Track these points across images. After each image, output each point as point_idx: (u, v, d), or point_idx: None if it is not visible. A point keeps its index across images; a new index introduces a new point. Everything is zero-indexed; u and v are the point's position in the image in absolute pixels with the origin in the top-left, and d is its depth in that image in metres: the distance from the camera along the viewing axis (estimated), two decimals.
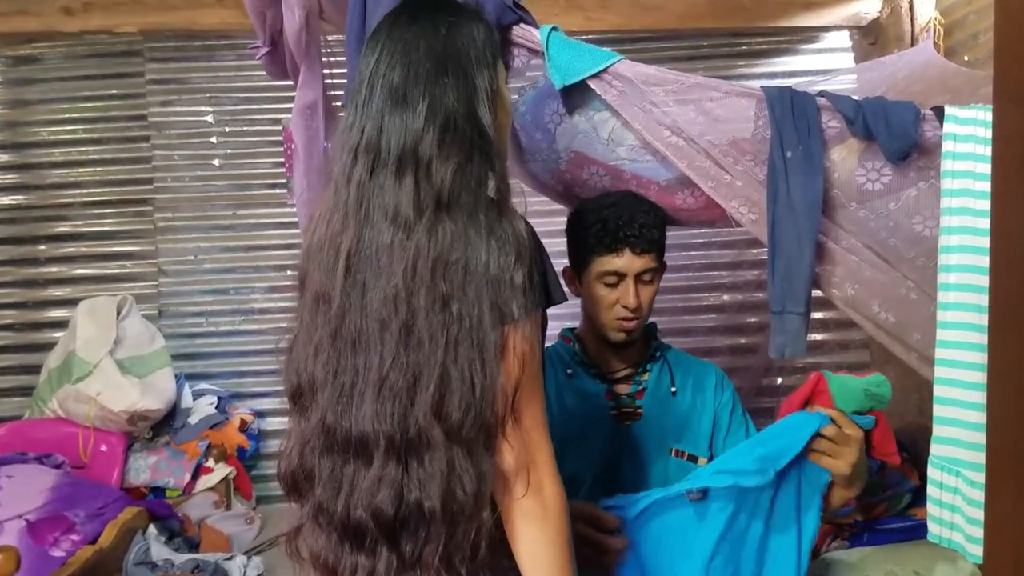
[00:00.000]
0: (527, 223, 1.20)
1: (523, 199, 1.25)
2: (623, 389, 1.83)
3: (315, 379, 1.20)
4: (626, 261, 1.73)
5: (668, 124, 1.67)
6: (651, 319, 1.90)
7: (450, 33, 1.24)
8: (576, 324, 1.93)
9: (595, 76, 1.65)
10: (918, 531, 2.09)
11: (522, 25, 1.67)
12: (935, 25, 2.80)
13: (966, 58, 2.76)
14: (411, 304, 1.12)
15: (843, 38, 3.43)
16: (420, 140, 1.16)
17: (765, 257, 3.14)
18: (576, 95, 1.72)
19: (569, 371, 1.83)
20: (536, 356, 1.18)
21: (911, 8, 2.96)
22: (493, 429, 1.14)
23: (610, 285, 1.76)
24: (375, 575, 1.17)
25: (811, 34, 3.45)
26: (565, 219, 1.90)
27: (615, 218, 1.75)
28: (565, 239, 1.88)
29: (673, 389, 1.82)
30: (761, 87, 1.66)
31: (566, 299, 1.25)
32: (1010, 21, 0.67)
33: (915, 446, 2.83)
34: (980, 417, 1.47)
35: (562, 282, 1.37)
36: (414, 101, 1.17)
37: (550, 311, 1.28)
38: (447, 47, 1.22)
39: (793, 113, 1.61)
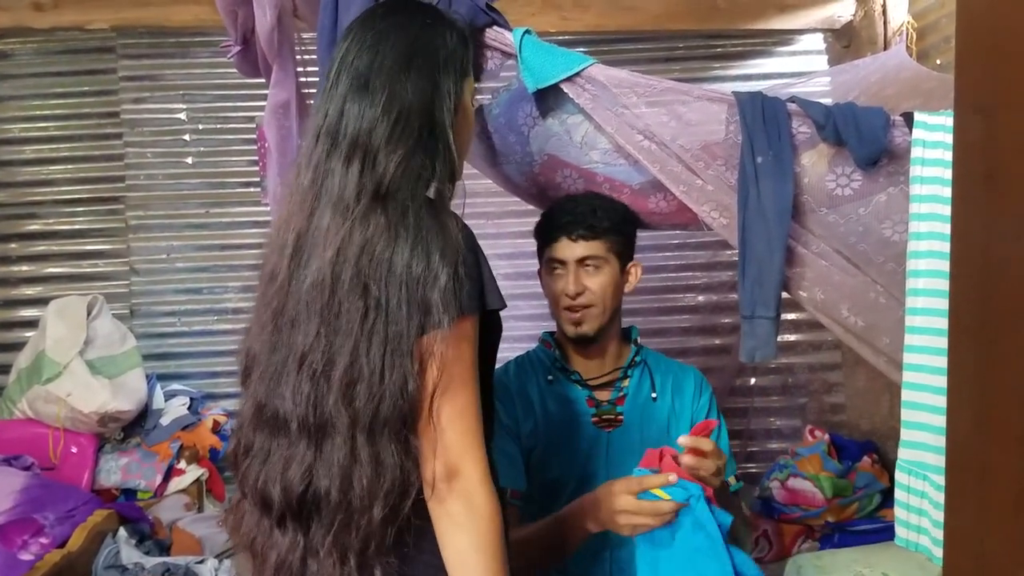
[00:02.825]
0: (465, 226, 1.21)
1: (463, 200, 1.27)
2: (603, 395, 1.83)
3: (256, 355, 1.23)
4: (563, 247, 1.77)
5: (640, 128, 1.67)
6: (627, 320, 1.90)
7: (424, 32, 1.27)
8: (555, 329, 1.93)
9: (568, 80, 1.65)
10: (888, 532, 2.10)
11: (495, 28, 1.66)
12: (908, 29, 2.82)
13: (938, 61, 2.78)
14: (335, 288, 1.14)
15: (817, 41, 3.44)
16: (373, 129, 1.19)
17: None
18: (550, 98, 1.72)
19: (550, 377, 1.83)
20: (462, 362, 1.17)
21: (884, 11, 2.98)
22: (401, 425, 1.14)
23: (556, 275, 1.79)
24: (282, 555, 1.19)
25: (785, 36, 3.46)
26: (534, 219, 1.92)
27: (556, 209, 1.81)
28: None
29: (653, 395, 1.82)
30: (732, 92, 1.66)
31: (504, 305, 1.24)
32: (971, 31, 0.68)
33: (885, 448, 2.86)
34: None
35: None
36: (374, 90, 1.20)
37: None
38: (417, 43, 1.25)
39: (764, 118, 1.61)
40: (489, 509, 1.16)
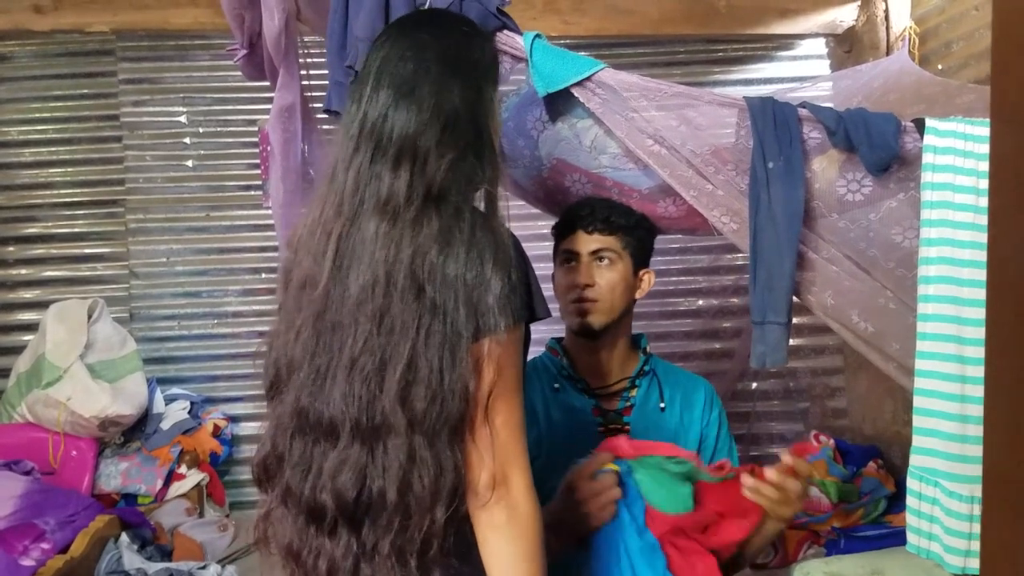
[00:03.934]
0: (512, 234, 1.21)
1: (506, 203, 1.27)
2: (610, 405, 1.81)
3: (293, 361, 1.20)
4: (578, 239, 1.78)
5: (650, 133, 1.67)
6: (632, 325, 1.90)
7: (465, 41, 1.28)
8: (563, 335, 1.92)
9: (578, 84, 1.64)
10: (894, 538, 2.10)
11: (505, 32, 1.66)
12: (910, 34, 2.82)
13: (939, 66, 2.78)
14: (388, 290, 1.13)
15: (819, 45, 3.46)
16: (422, 134, 1.18)
17: (741, 263, 3.16)
18: (559, 102, 1.72)
19: (556, 385, 1.82)
20: (514, 368, 1.18)
21: (886, 17, 2.98)
22: (459, 426, 1.14)
23: (568, 269, 1.79)
24: (334, 561, 1.17)
25: (787, 41, 3.47)
26: (543, 222, 1.91)
27: (575, 205, 1.82)
28: (544, 244, 1.90)
29: (662, 405, 1.81)
30: (743, 97, 1.66)
31: (550, 315, 1.24)
32: (1008, 42, 0.67)
33: (889, 453, 2.86)
34: (957, 428, 1.48)
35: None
36: (421, 96, 1.20)
37: (536, 324, 1.28)
38: (460, 51, 1.26)
39: (775, 123, 1.61)
40: (533, 518, 1.16)
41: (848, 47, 3.19)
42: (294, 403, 1.19)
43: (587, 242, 1.77)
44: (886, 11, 2.98)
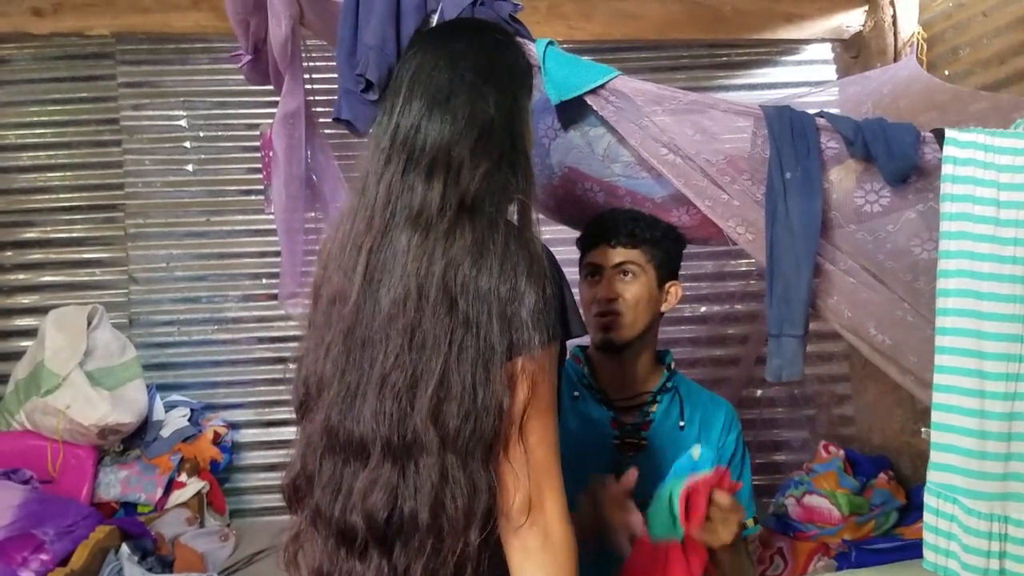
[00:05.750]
0: (547, 248, 1.19)
1: (537, 216, 1.24)
2: (629, 418, 1.79)
3: (323, 378, 1.17)
4: (601, 253, 1.77)
5: (665, 141, 1.64)
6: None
7: (499, 49, 1.27)
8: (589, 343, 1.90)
9: (592, 92, 1.62)
10: (905, 551, 2.09)
11: (518, 39, 1.63)
12: (918, 39, 2.80)
13: (946, 72, 2.77)
14: (420, 304, 1.10)
15: (825, 50, 3.43)
16: (456, 144, 1.16)
17: (746, 268, 3.14)
18: (572, 110, 1.69)
19: (576, 393, 1.80)
20: (548, 386, 1.15)
21: (894, 22, 2.96)
22: (493, 445, 1.11)
23: (592, 283, 1.79)
24: None
25: (792, 46, 3.45)
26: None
27: (599, 217, 1.81)
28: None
29: (681, 423, 1.78)
30: (760, 106, 1.63)
31: (585, 332, 1.21)
32: None
33: (899, 463, 2.84)
34: (977, 444, 1.46)
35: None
36: (456, 105, 1.17)
37: None
38: (494, 59, 1.24)
39: (792, 133, 1.58)
40: (568, 543, 1.13)
41: (855, 52, 3.17)
42: (324, 422, 1.16)
43: (610, 255, 1.75)
44: (894, 16, 2.96)
